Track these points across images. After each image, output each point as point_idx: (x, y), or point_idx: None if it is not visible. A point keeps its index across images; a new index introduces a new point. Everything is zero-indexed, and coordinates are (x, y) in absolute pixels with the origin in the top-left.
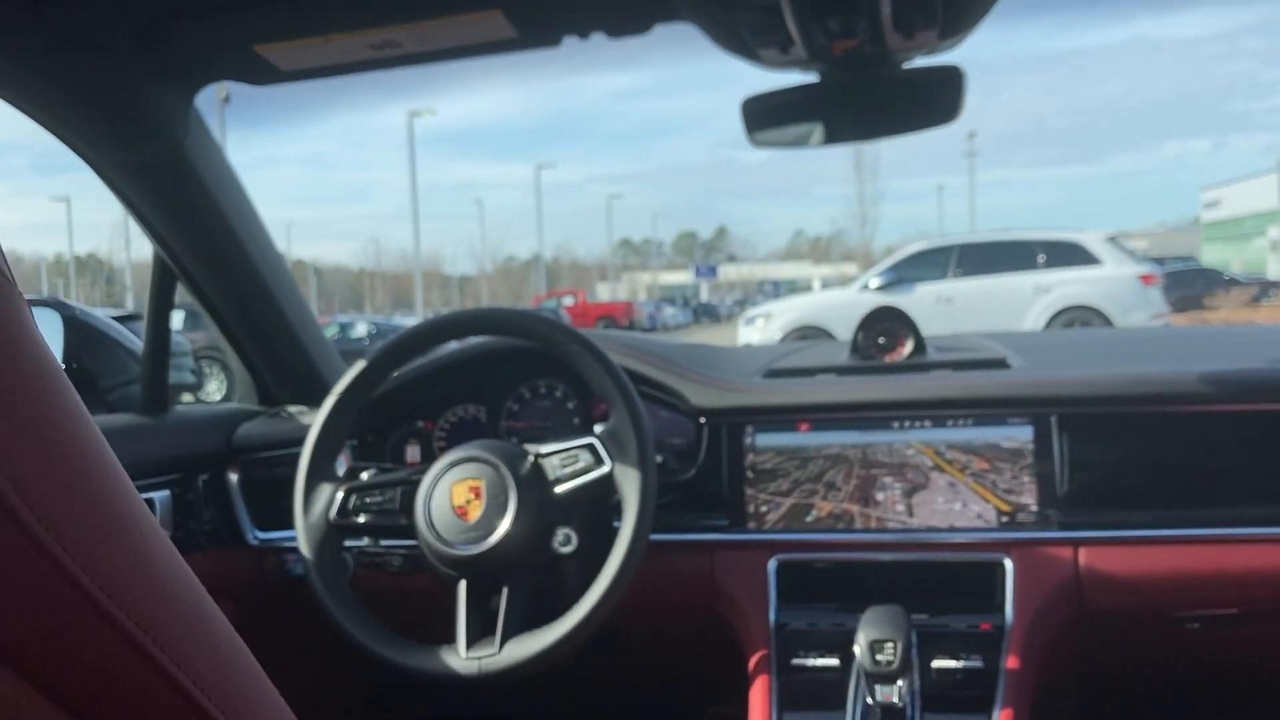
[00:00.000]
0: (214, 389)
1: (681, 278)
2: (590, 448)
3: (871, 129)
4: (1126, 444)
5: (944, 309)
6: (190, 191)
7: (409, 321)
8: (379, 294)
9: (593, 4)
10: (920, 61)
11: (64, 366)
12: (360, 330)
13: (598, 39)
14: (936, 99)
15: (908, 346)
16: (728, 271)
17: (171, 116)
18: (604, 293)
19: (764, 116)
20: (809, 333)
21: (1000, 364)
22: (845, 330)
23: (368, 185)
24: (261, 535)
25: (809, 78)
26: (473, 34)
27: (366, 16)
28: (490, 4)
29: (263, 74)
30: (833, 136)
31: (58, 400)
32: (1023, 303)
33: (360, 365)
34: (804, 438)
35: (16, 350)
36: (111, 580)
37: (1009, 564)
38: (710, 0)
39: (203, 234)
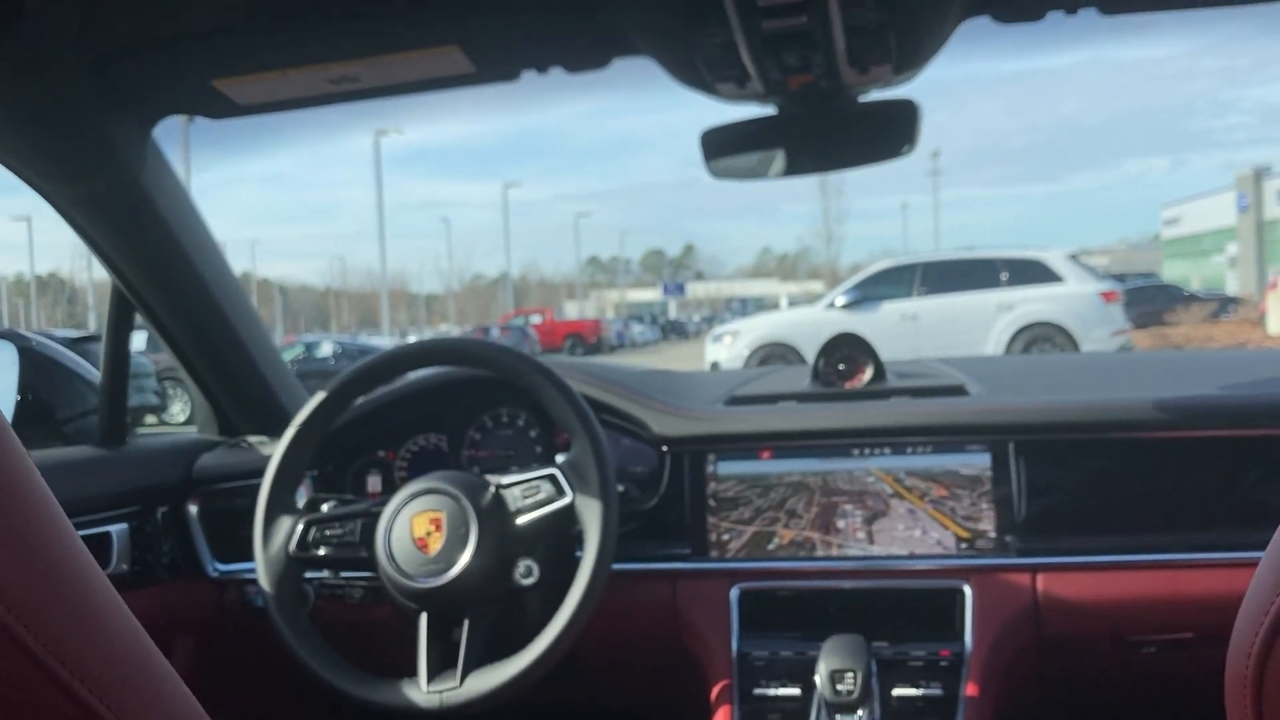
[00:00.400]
0: (177, 410)
1: (649, 295)
2: (552, 478)
3: (829, 161)
4: (1083, 470)
5: (909, 326)
6: (147, 223)
7: (375, 340)
8: (345, 313)
9: (550, 40)
10: (876, 94)
11: (19, 399)
12: (326, 350)
13: (556, 73)
14: (892, 132)
15: (868, 373)
16: (695, 289)
17: (128, 149)
18: (572, 311)
19: (723, 148)
20: (776, 350)
21: (958, 391)
22: (812, 348)
23: (333, 204)
24: (222, 567)
25: (767, 110)
26: (431, 68)
27: (324, 51)
28: (448, 40)
29: (220, 107)
30: (791, 168)
31: (9, 459)
32: (986, 320)
33: (321, 396)
34: (765, 465)
35: None
36: (46, 626)
37: (968, 591)
38: (666, 36)
39: (160, 266)
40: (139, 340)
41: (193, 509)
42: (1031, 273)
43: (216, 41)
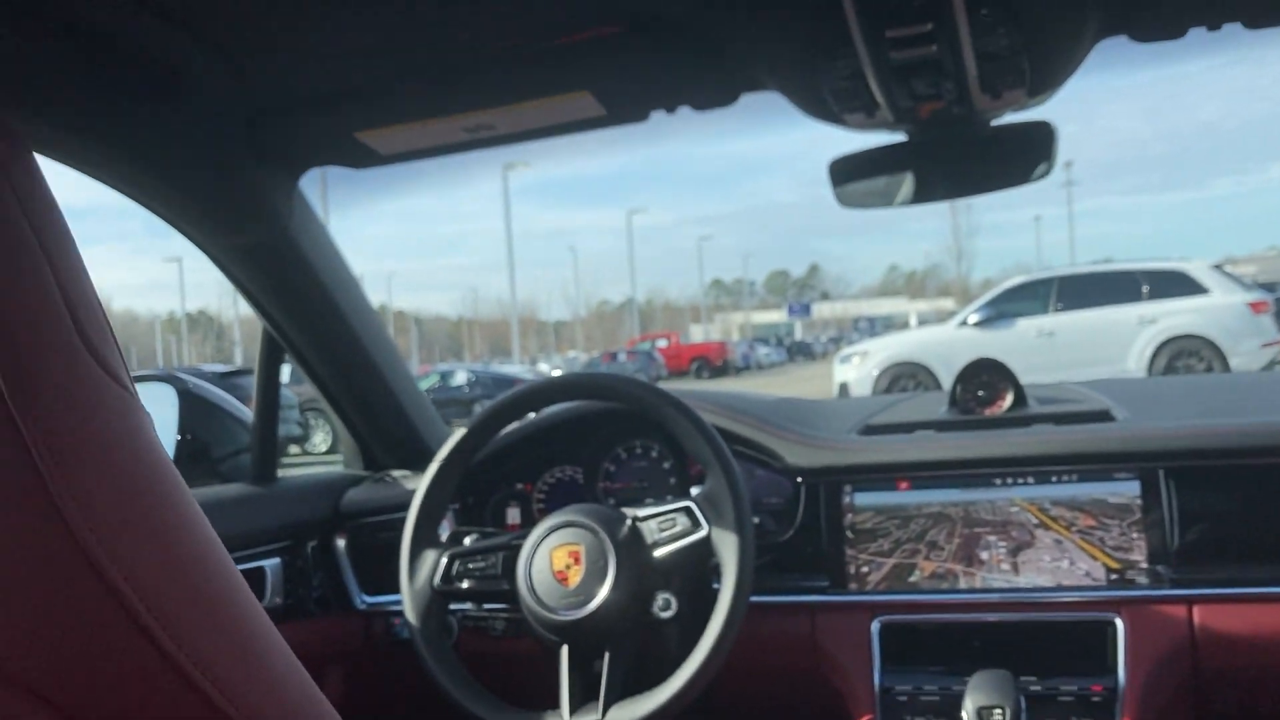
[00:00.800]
0: (319, 440)
1: (774, 317)
2: (687, 511)
3: (962, 187)
4: (1239, 497)
5: (1045, 343)
6: (296, 272)
7: (506, 368)
8: (477, 342)
9: (678, 80)
10: (1010, 118)
11: (179, 439)
12: (460, 378)
13: (684, 111)
14: (1028, 155)
15: (1008, 399)
16: (821, 309)
17: (277, 202)
18: (697, 334)
19: (852, 177)
20: (907, 370)
21: (1104, 416)
22: (944, 368)
23: (464, 236)
24: (369, 600)
25: (897, 137)
26: (562, 114)
27: (461, 102)
28: (579, 85)
29: (363, 158)
30: (921, 195)
31: (170, 499)
32: (1127, 335)
33: (461, 432)
34: (904, 496)
35: (137, 460)
36: (213, 663)
37: (1120, 624)
38: (793, 71)
39: (308, 310)
40: (283, 373)
41: (340, 543)
42: (1174, 284)
43: (359, 97)
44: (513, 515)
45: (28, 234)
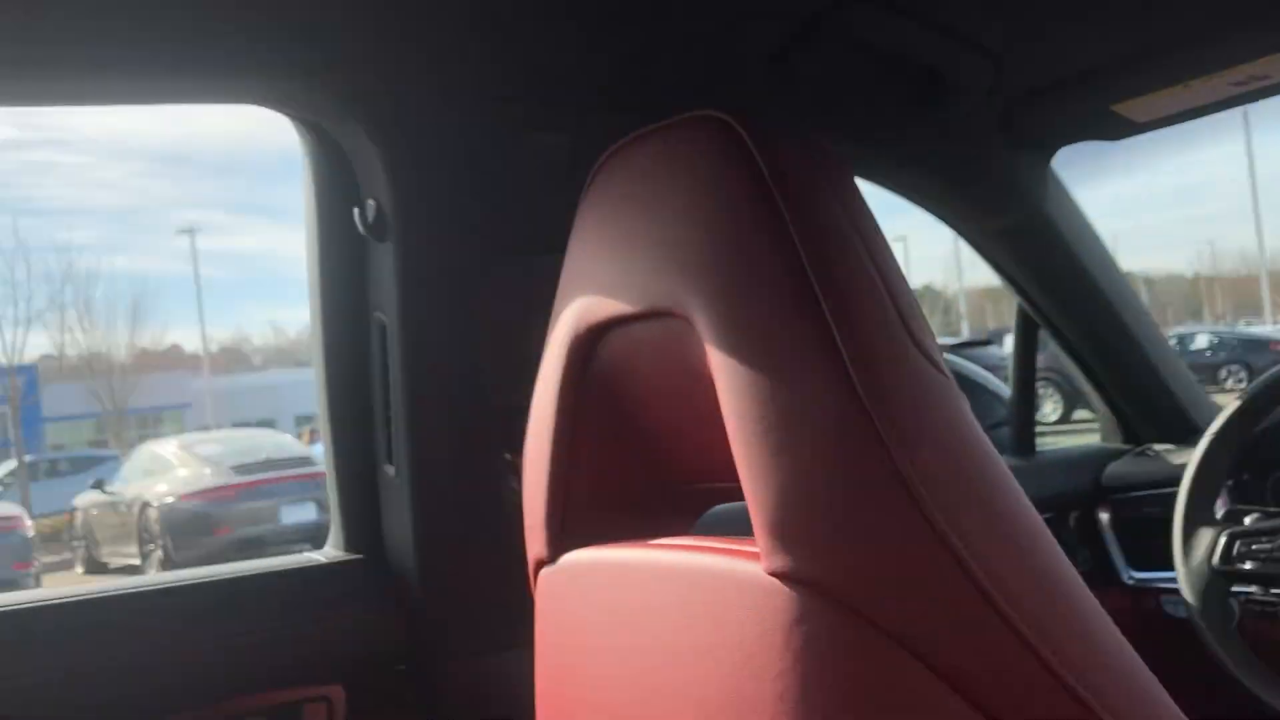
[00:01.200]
0: (1049, 410)
1: None
2: None
3: None
4: None
5: None
6: (1052, 249)
7: (1255, 330)
8: (1219, 300)
9: None
10: None
11: None
12: (1200, 341)
13: None
14: None
15: None
16: None
17: (1032, 183)
18: None
19: None
20: None
21: None
22: None
23: (1197, 186)
24: (1136, 575)
25: None
26: None
27: (1228, 56)
28: None
29: (1118, 129)
30: None
31: (997, 476)
32: None
33: (1235, 405)
34: None
35: (965, 440)
36: (1050, 633)
37: None
38: None
39: (1065, 287)
40: (1007, 344)
41: (1104, 516)
42: None
43: (1116, 69)
44: None
45: (859, 245)
